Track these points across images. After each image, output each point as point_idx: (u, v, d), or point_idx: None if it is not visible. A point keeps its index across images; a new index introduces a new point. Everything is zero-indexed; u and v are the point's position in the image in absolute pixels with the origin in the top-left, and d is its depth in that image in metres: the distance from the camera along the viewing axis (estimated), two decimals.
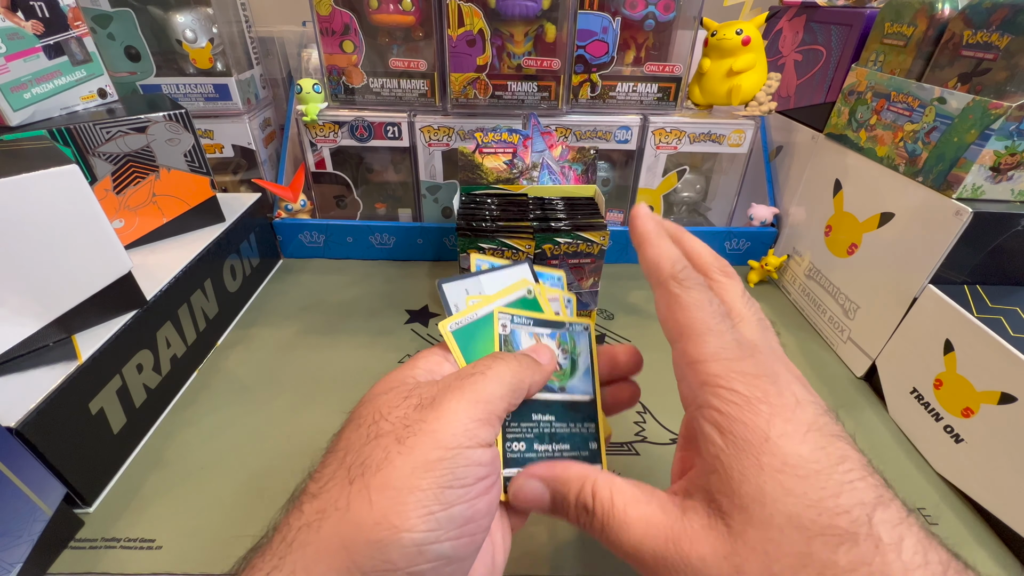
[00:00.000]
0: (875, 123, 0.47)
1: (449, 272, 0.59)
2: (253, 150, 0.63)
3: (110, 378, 0.34)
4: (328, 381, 0.43)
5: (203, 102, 0.59)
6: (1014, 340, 0.33)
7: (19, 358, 0.31)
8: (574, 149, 0.50)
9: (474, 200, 0.48)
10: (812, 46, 0.60)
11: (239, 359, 0.45)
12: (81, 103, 0.45)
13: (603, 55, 0.54)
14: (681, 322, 0.19)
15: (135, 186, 0.44)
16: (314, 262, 0.61)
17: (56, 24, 0.42)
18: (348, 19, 0.51)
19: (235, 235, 0.51)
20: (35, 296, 0.31)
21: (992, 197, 0.39)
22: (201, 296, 0.45)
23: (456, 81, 0.54)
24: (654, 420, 0.40)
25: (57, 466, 0.30)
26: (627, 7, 0.53)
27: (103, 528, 0.31)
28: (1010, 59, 0.37)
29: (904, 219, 0.43)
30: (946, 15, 0.42)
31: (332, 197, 0.61)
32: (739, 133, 0.57)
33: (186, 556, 0.30)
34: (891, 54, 0.47)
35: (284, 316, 0.51)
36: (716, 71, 0.55)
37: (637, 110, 0.57)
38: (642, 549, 0.17)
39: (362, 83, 0.54)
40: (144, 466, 0.35)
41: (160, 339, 0.39)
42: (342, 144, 0.57)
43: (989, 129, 0.36)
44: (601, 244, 0.44)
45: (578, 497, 0.19)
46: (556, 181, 0.50)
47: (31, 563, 0.28)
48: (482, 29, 0.51)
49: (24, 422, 0.28)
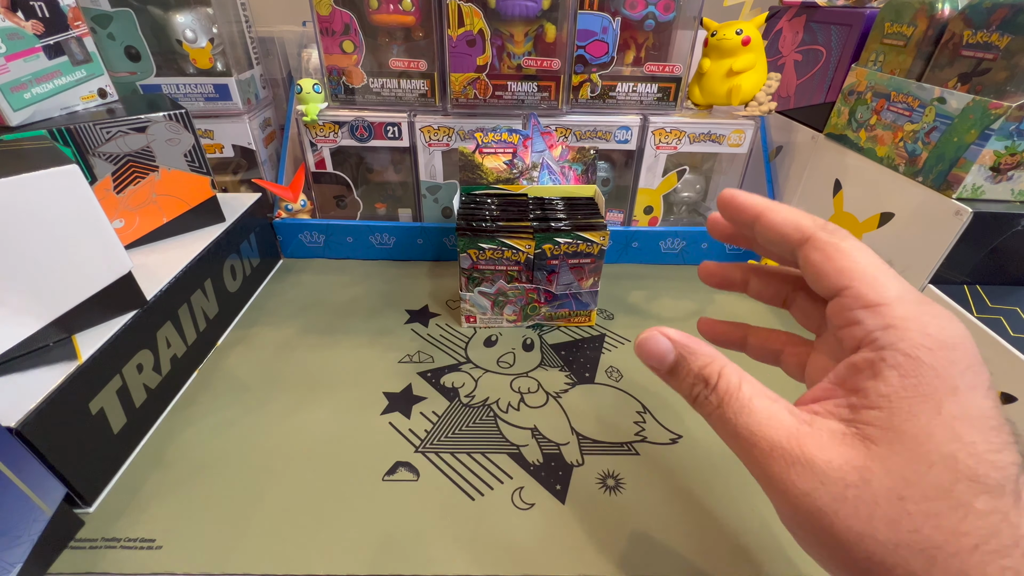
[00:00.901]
0: (875, 123, 0.47)
1: (449, 272, 0.59)
2: (253, 150, 0.63)
3: (110, 378, 0.34)
4: (328, 381, 0.43)
5: (203, 102, 0.59)
6: (1014, 340, 0.33)
7: (19, 358, 0.31)
8: (574, 149, 0.50)
9: (474, 200, 0.48)
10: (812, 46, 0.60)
11: (239, 359, 0.45)
12: (81, 103, 0.45)
13: (603, 55, 0.54)
14: (849, 267, 0.18)
15: (135, 186, 0.44)
16: (314, 262, 0.61)
17: (56, 24, 0.42)
18: (348, 19, 0.51)
19: (235, 235, 0.51)
20: (35, 296, 0.31)
21: (992, 197, 0.39)
22: (201, 296, 0.45)
23: (456, 81, 0.54)
24: (654, 420, 0.40)
25: (57, 466, 0.30)
26: (627, 7, 0.53)
27: (103, 528, 0.31)
28: (1010, 59, 0.37)
29: (904, 219, 0.43)
30: (946, 15, 0.42)
31: (332, 197, 0.61)
32: (739, 133, 0.57)
33: (186, 556, 0.30)
34: (891, 54, 0.47)
35: (284, 316, 0.51)
36: (716, 71, 0.55)
37: (637, 110, 0.58)
38: (759, 435, 0.17)
39: (362, 83, 0.54)
40: (144, 466, 0.36)
41: (160, 339, 0.39)
42: (342, 144, 0.57)
43: (989, 129, 0.36)
44: (601, 244, 0.44)
45: (702, 370, 0.19)
46: (556, 181, 0.50)
47: (31, 563, 0.28)
48: (482, 29, 0.51)
49: (24, 422, 0.28)
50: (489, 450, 0.37)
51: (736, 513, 0.33)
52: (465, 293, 0.47)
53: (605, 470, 0.36)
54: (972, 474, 0.15)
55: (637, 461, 0.37)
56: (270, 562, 0.30)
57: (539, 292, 0.47)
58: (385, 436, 0.38)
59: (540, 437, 0.38)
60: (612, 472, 0.36)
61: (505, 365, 0.45)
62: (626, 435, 0.39)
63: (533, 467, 0.36)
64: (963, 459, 0.15)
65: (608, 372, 0.45)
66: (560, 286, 0.47)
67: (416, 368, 0.45)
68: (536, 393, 0.42)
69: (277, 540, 0.31)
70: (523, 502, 0.34)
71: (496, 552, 0.31)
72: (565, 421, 0.40)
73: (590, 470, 0.36)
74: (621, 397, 0.42)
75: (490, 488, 0.34)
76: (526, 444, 0.38)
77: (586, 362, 0.46)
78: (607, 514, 0.33)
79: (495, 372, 0.44)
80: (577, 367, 0.45)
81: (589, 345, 0.48)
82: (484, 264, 0.45)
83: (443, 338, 0.48)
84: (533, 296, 0.48)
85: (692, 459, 0.37)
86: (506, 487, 0.35)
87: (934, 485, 0.15)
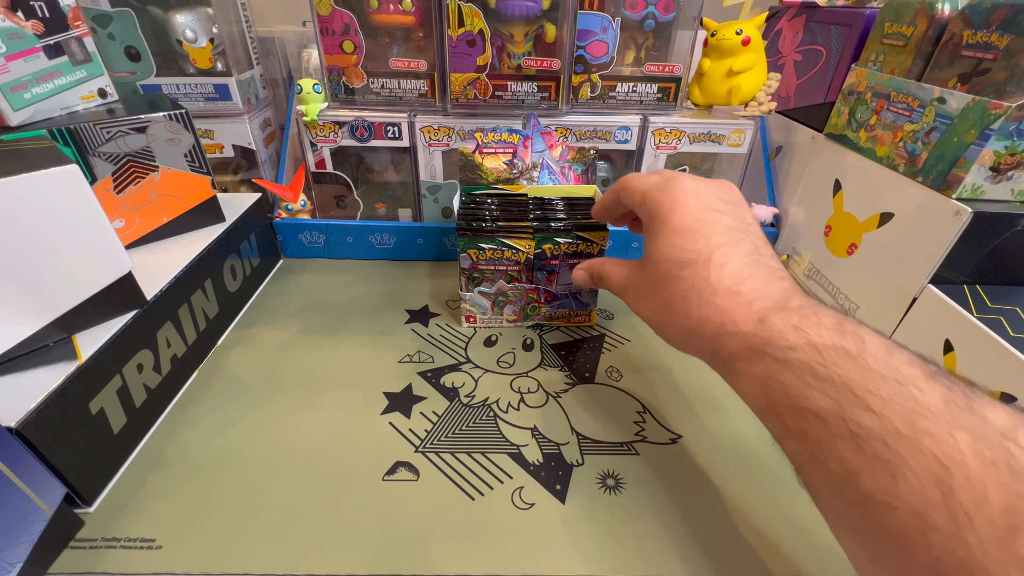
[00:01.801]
0: (875, 123, 0.47)
1: (449, 272, 0.59)
2: (253, 150, 0.63)
3: (110, 378, 0.34)
4: (328, 381, 0.43)
5: (203, 102, 0.59)
6: (1014, 340, 0.33)
7: (19, 358, 0.31)
8: (574, 149, 0.50)
9: (474, 200, 0.48)
10: (812, 46, 0.60)
11: (239, 359, 0.45)
12: (81, 103, 0.45)
13: (603, 55, 0.54)
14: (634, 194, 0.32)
15: (135, 186, 0.44)
16: (314, 262, 0.61)
17: (56, 24, 0.42)
18: (348, 19, 0.51)
19: (235, 235, 0.51)
20: (35, 296, 0.31)
21: (992, 197, 0.39)
22: (201, 296, 0.45)
23: (456, 81, 0.54)
24: (654, 420, 0.40)
25: (57, 466, 0.30)
26: (627, 7, 0.53)
27: (103, 528, 0.31)
28: (1010, 59, 0.37)
29: (904, 219, 0.43)
30: (946, 15, 0.42)
31: (332, 197, 0.61)
32: (739, 133, 0.57)
33: (186, 556, 0.30)
34: (891, 54, 0.47)
35: (284, 316, 0.51)
36: (716, 71, 0.55)
37: (637, 110, 0.58)
38: (615, 281, 0.34)
39: (362, 83, 0.54)
40: (144, 466, 0.36)
41: (160, 339, 0.39)
42: (342, 144, 0.57)
43: (989, 129, 0.36)
44: (601, 244, 0.44)
45: (597, 271, 0.36)
46: (556, 181, 0.50)
47: (31, 563, 0.28)
48: (482, 29, 0.51)
49: (24, 422, 0.28)
50: (489, 450, 0.37)
51: (736, 513, 0.33)
52: (465, 293, 0.47)
53: (605, 470, 0.36)
54: (677, 261, 0.27)
55: (637, 461, 0.37)
56: (270, 562, 0.30)
57: (539, 292, 0.47)
58: (385, 436, 0.38)
59: (540, 437, 0.38)
60: (612, 472, 0.36)
61: (505, 365, 0.45)
62: (626, 435, 0.39)
63: (533, 467, 0.36)
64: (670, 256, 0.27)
65: (608, 372, 0.45)
66: (560, 286, 0.47)
67: (416, 368, 0.45)
68: (536, 393, 0.42)
69: (277, 540, 0.31)
70: (523, 502, 0.34)
71: (496, 552, 0.31)
72: (565, 421, 0.40)
73: (590, 470, 0.36)
74: (621, 397, 0.42)
75: (490, 488, 0.34)
76: (526, 444, 0.38)
77: (586, 362, 0.46)
78: (607, 514, 0.33)
79: (495, 372, 0.44)
80: (577, 367, 0.45)
81: (589, 345, 0.48)
82: (484, 264, 0.45)
83: (443, 338, 0.48)
84: (533, 296, 0.48)
85: (692, 459, 0.37)
86: (506, 487, 0.35)
87: (660, 272, 0.28)
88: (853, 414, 0.18)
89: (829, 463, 0.18)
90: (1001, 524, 0.14)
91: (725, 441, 0.38)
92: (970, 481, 0.15)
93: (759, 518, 0.33)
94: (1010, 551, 0.14)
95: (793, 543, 0.32)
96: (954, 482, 0.15)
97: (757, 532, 0.32)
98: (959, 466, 0.15)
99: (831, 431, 0.18)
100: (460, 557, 0.30)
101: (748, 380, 0.23)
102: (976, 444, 0.15)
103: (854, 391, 0.18)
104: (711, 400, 0.41)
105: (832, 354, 0.19)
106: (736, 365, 0.23)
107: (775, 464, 0.36)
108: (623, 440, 0.38)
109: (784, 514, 0.33)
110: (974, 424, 0.16)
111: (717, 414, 0.40)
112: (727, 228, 0.26)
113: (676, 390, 0.42)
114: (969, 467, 0.15)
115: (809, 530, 0.32)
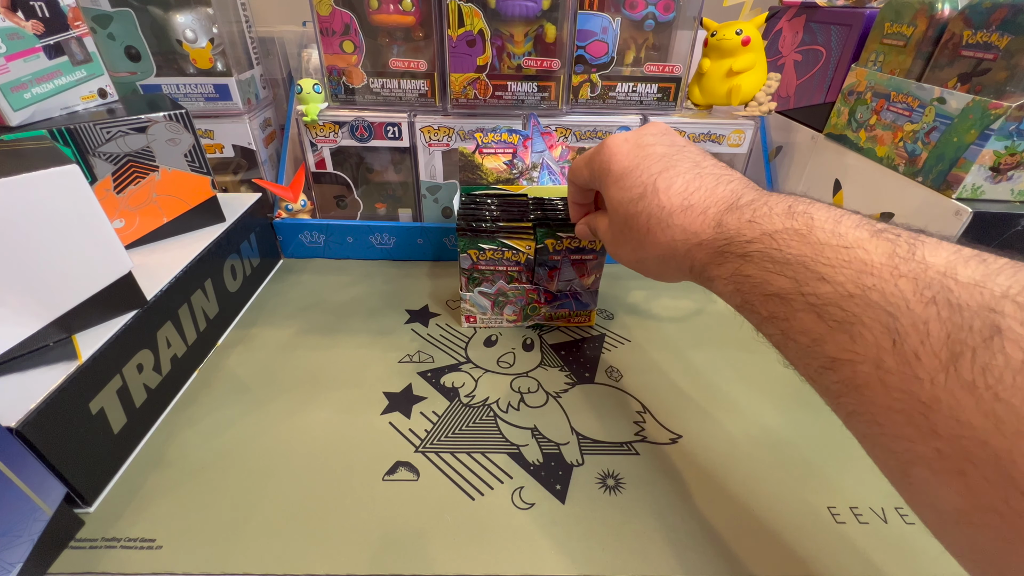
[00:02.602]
0: (875, 123, 0.47)
1: (449, 272, 0.59)
2: (253, 150, 0.63)
3: (110, 378, 0.34)
4: (328, 381, 0.43)
5: (203, 102, 0.59)
6: None
7: (19, 358, 0.31)
8: (574, 149, 0.50)
9: (474, 200, 0.48)
10: (812, 46, 0.60)
11: (239, 359, 0.45)
12: (81, 103, 0.45)
13: (603, 55, 0.54)
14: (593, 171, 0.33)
15: (135, 186, 0.44)
16: (314, 262, 0.61)
17: (56, 24, 0.42)
18: (348, 19, 0.51)
19: (235, 235, 0.51)
20: (35, 296, 0.31)
21: (992, 197, 0.39)
22: (201, 296, 0.45)
23: (456, 81, 0.54)
24: (654, 420, 0.40)
25: (57, 466, 0.30)
26: (627, 7, 0.53)
27: (103, 528, 0.31)
28: (1010, 59, 0.37)
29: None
30: (946, 15, 0.42)
31: (332, 197, 0.61)
32: (739, 133, 0.57)
33: (186, 556, 0.30)
34: (891, 54, 0.47)
35: (284, 316, 0.51)
36: (716, 71, 0.55)
37: (637, 110, 0.58)
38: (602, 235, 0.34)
39: (362, 83, 0.55)
40: (144, 466, 0.36)
41: (160, 339, 0.39)
42: (342, 144, 0.57)
43: (989, 129, 0.36)
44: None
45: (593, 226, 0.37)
46: (556, 181, 0.50)
47: (31, 563, 0.28)
48: (482, 29, 0.51)
49: (24, 422, 0.28)
50: (489, 450, 0.37)
51: (736, 513, 0.33)
52: (465, 293, 0.47)
53: (605, 470, 0.36)
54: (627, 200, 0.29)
55: (637, 461, 0.37)
56: (270, 562, 0.30)
57: (539, 292, 0.47)
58: (385, 436, 0.38)
59: (540, 437, 0.38)
60: (612, 472, 0.36)
61: (505, 365, 0.45)
62: (626, 435, 0.39)
63: (533, 467, 0.36)
64: (621, 199, 0.29)
65: (608, 372, 0.45)
66: (561, 282, 0.47)
67: (416, 368, 0.45)
68: (536, 393, 0.42)
69: (277, 540, 0.31)
70: (523, 502, 0.34)
71: (496, 552, 0.31)
72: (565, 421, 0.40)
73: (590, 470, 0.36)
74: (621, 397, 0.42)
75: (490, 488, 0.34)
76: (526, 444, 0.38)
77: (586, 362, 0.46)
78: (607, 514, 0.33)
79: (495, 372, 0.45)
80: (577, 367, 0.45)
81: (589, 345, 0.48)
82: (484, 264, 0.45)
83: (443, 338, 0.48)
84: (533, 296, 0.48)
85: (692, 459, 0.37)
86: (506, 487, 0.35)
87: (622, 213, 0.29)
88: (809, 287, 0.19)
89: (798, 336, 0.20)
90: (943, 355, 0.15)
91: (725, 441, 0.38)
92: (914, 322, 0.16)
93: (759, 518, 0.33)
94: (953, 377, 0.15)
95: (793, 543, 0.32)
96: (900, 326, 0.16)
97: (757, 532, 0.32)
98: (903, 311, 0.16)
99: (794, 307, 0.20)
100: (460, 557, 0.30)
101: (721, 282, 0.24)
102: (918, 288, 0.17)
103: (807, 266, 0.19)
104: (711, 400, 0.41)
105: (785, 237, 0.21)
106: (710, 272, 0.25)
107: (775, 464, 0.36)
108: (623, 440, 0.38)
109: (784, 514, 0.33)
110: (915, 270, 0.17)
111: (717, 414, 0.40)
112: (662, 156, 0.28)
113: (676, 390, 0.42)
114: (913, 310, 0.16)
115: (809, 530, 0.32)
